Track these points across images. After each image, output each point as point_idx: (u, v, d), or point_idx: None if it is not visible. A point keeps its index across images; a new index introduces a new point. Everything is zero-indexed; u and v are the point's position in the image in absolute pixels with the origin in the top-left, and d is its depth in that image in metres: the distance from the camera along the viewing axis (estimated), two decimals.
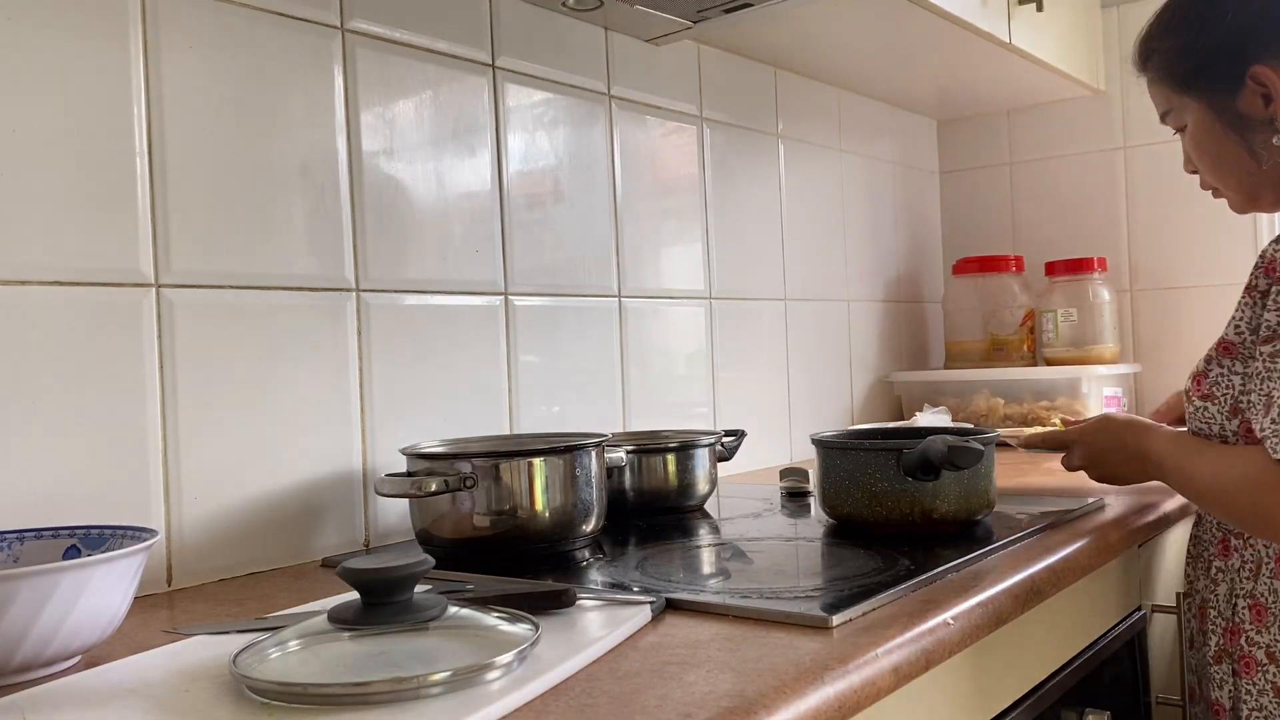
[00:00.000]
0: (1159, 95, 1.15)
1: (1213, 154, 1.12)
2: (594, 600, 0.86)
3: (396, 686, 0.63)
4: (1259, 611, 1.06)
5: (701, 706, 0.63)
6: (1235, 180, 1.12)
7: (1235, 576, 1.09)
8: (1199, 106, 1.11)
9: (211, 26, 1.09)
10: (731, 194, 1.81)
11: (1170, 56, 1.12)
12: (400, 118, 1.27)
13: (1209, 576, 1.13)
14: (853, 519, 1.14)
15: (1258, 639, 1.05)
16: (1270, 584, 1.05)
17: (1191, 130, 1.13)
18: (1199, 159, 1.14)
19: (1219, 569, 1.12)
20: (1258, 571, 1.06)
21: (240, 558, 1.09)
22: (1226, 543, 1.12)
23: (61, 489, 0.96)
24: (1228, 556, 1.11)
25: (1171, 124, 1.16)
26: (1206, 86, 1.09)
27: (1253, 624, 1.06)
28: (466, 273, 1.34)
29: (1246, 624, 1.07)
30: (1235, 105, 1.07)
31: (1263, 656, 1.05)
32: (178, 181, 1.05)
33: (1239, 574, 1.09)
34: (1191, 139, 1.14)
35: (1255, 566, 1.07)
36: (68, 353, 0.97)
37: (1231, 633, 1.09)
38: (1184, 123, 1.13)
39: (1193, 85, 1.10)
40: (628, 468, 1.31)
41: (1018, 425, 1.97)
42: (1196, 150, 1.14)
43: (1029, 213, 2.39)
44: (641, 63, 1.63)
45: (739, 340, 1.82)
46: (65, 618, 0.73)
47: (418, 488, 1.03)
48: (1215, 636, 1.11)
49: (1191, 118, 1.12)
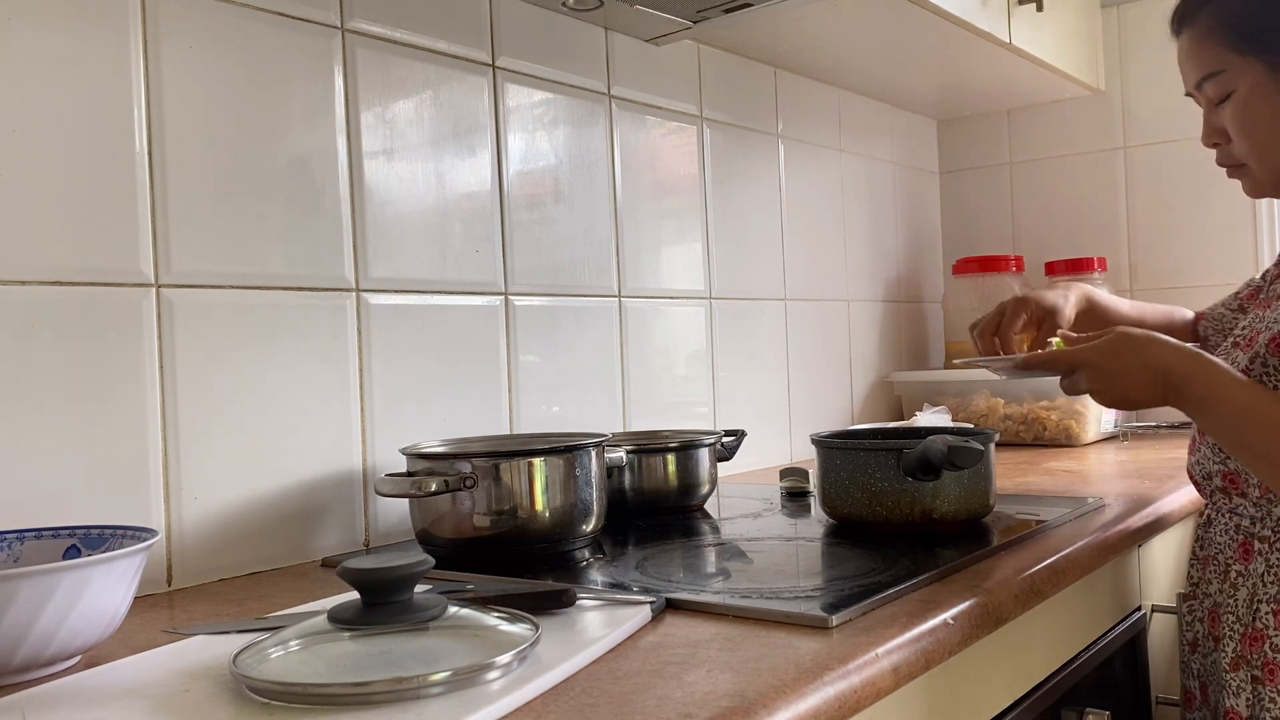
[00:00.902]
0: (1206, 54, 1.04)
1: (1263, 125, 1.03)
2: (594, 600, 0.86)
3: (396, 686, 0.63)
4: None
5: (701, 706, 0.63)
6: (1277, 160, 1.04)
7: (1258, 581, 1.05)
8: (1261, 69, 1.01)
9: (211, 26, 1.09)
10: (731, 194, 1.81)
11: (1233, 8, 1.02)
12: (400, 118, 1.27)
13: (1226, 580, 1.09)
14: (853, 519, 1.14)
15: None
16: None
17: (1244, 96, 1.03)
18: (1242, 131, 1.04)
19: (1239, 573, 1.07)
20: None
21: (240, 558, 1.09)
22: (1249, 546, 1.07)
23: (61, 489, 0.96)
24: (1249, 560, 1.06)
25: (1213, 90, 1.06)
26: (1277, 47, 1.00)
27: (1277, 630, 1.02)
28: (466, 273, 1.34)
29: (1270, 630, 1.03)
30: None
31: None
32: (178, 181, 1.05)
33: (1263, 579, 1.05)
34: (1242, 105, 1.03)
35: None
36: (68, 353, 0.97)
37: (1252, 639, 1.04)
38: (1231, 88, 1.04)
39: (1262, 44, 1.00)
40: (628, 468, 1.31)
41: (1018, 425, 1.97)
42: (1244, 119, 1.04)
43: (1029, 212, 2.40)
44: (641, 63, 1.63)
45: (739, 340, 1.82)
46: (65, 618, 0.73)
47: (418, 488, 1.03)
48: (1232, 642, 1.06)
49: (1246, 82, 1.02)
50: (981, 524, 1.15)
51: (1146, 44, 2.21)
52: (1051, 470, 1.61)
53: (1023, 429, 1.97)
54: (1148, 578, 1.31)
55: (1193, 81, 1.08)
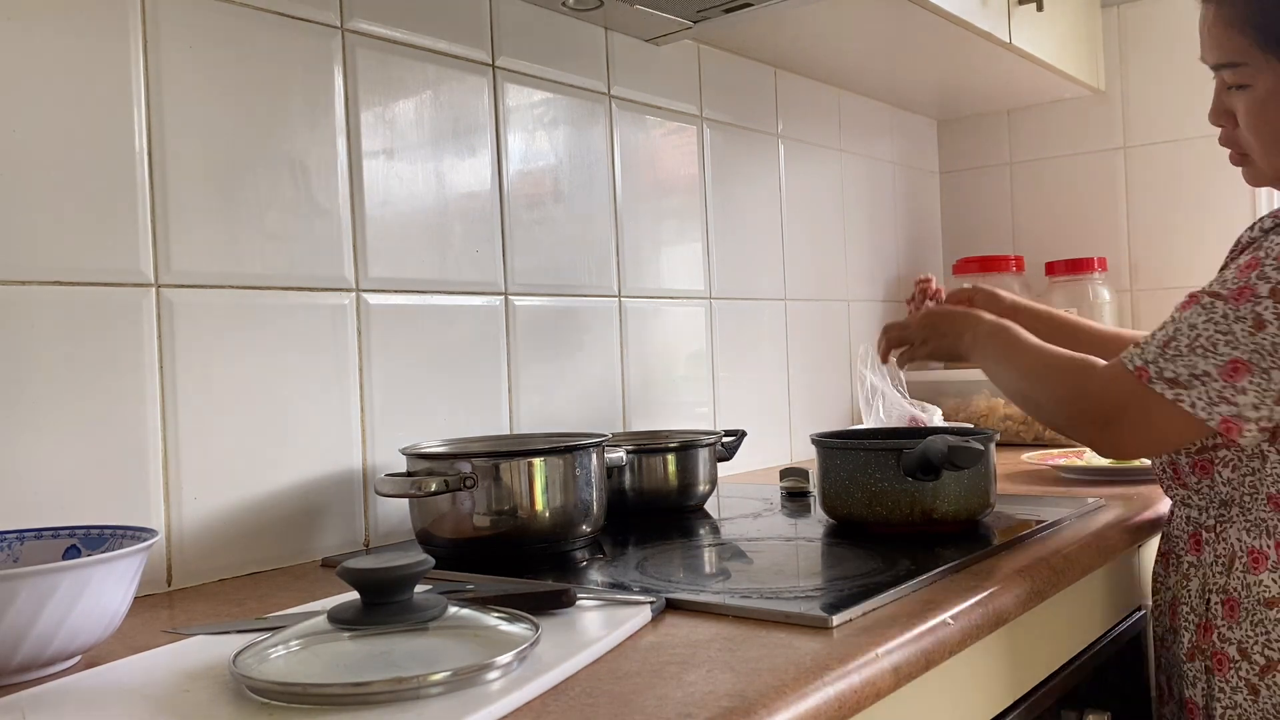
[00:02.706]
0: (1232, 43, 1.01)
1: (1276, 126, 1.01)
2: (594, 600, 0.86)
3: (396, 686, 0.63)
4: (1231, 607, 1.03)
5: (701, 706, 0.63)
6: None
7: (1208, 571, 1.06)
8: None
9: (211, 26, 1.09)
10: (731, 194, 1.81)
11: (1268, 6, 0.98)
12: (400, 118, 1.27)
13: (1180, 572, 1.10)
14: (853, 519, 1.14)
15: (1230, 635, 1.03)
16: (1243, 578, 1.03)
17: (1261, 96, 1.01)
18: (1254, 128, 1.03)
19: (1190, 564, 1.09)
20: (1230, 566, 1.04)
21: (240, 558, 1.09)
22: (1198, 537, 1.08)
23: (61, 489, 0.96)
24: (1199, 551, 1.08)
25: (1230, 77, 1.03)
26: None
27: (1225, 620, 1.04)
28: (466, 273, 1.34)
29: (1219, 620, 1.04)
30: None
31: (1235, 653, 1.02)
32: (178, 181, 1.05)
33: (1211, 568, 1.06)
34: (1258, 104, 1.01)
35: (1228, 561, 1.05)
36: (68, 353, 0.97)
37: (1204, 629, 1.06)
38: (1249, 82, 1.01)
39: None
40: (628, 468, 1.31)
41: (1018, 425, 1.97)
42: (1258, 119, 1.02)
43: (1029, 212, 2.39)
44: (641, 63, 1.63)
45: (739, 340, 1.82)
46: (65, 618, 0.73)
47: (418, 488, 1.03)
48: (1188, 633, 1.08)
49: (1266, 82, 1.00)
50: (981, 524, 1.15)
51: (1146, 44, 2.21)
52: (1051, 470, 1.61)
53: (1023, 429, 1.97)
54: (1148, 578, 1.31)
55: (1210, 61, 1.05)
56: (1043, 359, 1.10)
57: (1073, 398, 1.05)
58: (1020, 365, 1.12)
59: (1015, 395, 1.14)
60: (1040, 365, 1.10)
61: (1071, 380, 1.05)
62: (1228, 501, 1.05)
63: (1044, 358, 1.10)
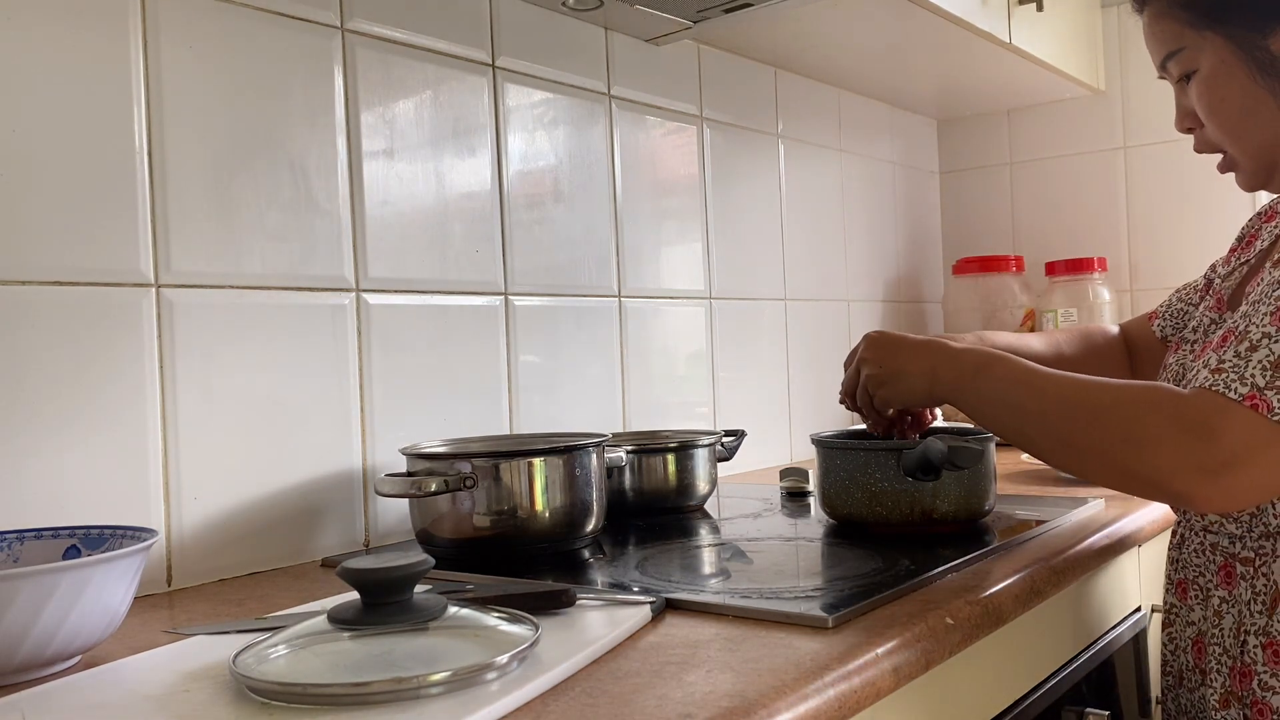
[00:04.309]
0: (1167, 31, 0.97)
1: (1232, 104, 0.95)
2: (594, 600, 0.86)
3: (396, 686, 0.63)
4: (1275, 652, 0.91)
5: (701, 706, 0.63)
6: (1254, 142, 0.96)
7: (1245, 610, 0.94)
8: (1221, 44, 0.94)
9: (211, 26, 1.09)
10: (731, 194, 1.81)
11: None
12: (400, 118, 1.27)
13: (1210, 607, 0.98)
14: (853, 519, 1.14)
15: (1273, 683, 0.91)
16: None
17: (1206, 75, 0.95)
18: (1210, 111, 0.97)
19: (1222, 599, 0.97)
20: (1273, 606, 0.92)
21: (240, 558, 1.09)
22: (1230, 569, 0.96)
23: (61, 489, 0.96)
24: (1232, 585, 0.96)
25: (1176, 69, 0.98)
26: (1236, 19, 0.93)
27: (1267, 665, 0.92)
28: (466, 273, 1.34)
29: (1259, 666, 0.92)
30: (1269, 45, 0.92)
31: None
32: (178, 181, 1.05)
33: (1249, 607, 0.94)
34: (1205, 85, 0.96)
35: (1270, 600, 0.92)
36: (68, 353, 0.97)
37: (1241, 675, 0.94)
38: (1195, 66, 0.96)
39: (1218, 17, 0.93)
40: (628, 468, 1.31)
41: None
42: (1210, 99, 0.96)
43: (1029, 212, 2.39)
44: (641, 63, 1.63)
45: (739, 340, 1.82)
46: (65, 618, 0.73)
47: (418, 488, 1.03)
48: (1220, 677, 0.96)
49: (1209, 59, 0.95)
50: (981, 524, 1.15)
51: None
52: (1051, 470, 1.61)
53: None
54: (1148, 578, 1.31)
55: (1157, 61, 1.01)
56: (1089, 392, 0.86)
57: (1158, 440, 0.80)
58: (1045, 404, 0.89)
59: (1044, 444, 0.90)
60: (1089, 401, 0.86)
61: (1156, 421, 0.81)
62: (1274, 534, 0.92)
63: (1090, 391, 0.86)
